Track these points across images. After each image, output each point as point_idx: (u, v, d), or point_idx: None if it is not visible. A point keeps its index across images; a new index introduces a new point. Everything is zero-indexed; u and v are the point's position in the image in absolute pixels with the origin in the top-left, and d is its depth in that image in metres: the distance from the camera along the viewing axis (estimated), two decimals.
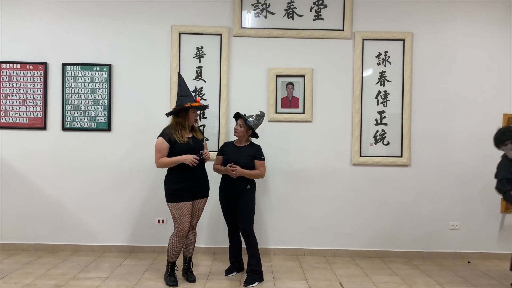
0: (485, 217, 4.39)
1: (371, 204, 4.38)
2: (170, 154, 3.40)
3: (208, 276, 3.69)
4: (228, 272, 3.74)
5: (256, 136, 3.74)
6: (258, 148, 3.70)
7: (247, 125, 3.63)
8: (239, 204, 3.60)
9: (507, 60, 4.38)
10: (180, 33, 4.32)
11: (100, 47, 4.34)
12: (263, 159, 3.66)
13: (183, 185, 3.38)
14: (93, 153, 4.34)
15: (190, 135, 3.48)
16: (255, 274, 3.56)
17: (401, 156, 4.36)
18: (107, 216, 4.36)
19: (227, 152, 3.70)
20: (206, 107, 3.71)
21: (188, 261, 3.59)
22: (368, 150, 4.38)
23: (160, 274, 3.66)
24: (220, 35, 4.32)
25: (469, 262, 4.26)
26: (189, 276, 3.55)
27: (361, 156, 4.36)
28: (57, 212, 4.35)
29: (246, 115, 3.70)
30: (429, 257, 4.37)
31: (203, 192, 3.53)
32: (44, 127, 4.32)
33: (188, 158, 3.34)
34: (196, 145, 3.47)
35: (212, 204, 4.07)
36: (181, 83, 3.54)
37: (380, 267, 4.05)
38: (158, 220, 4.35)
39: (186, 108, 3.39)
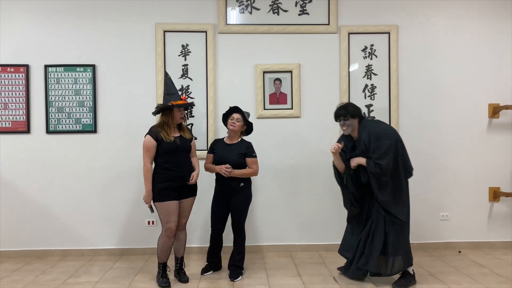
0: (474, 206, 4.44)
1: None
2: (156, 153, 3.36)
3: (201, 276, 3.65)
4: (204, 271, 3.70)
5: (250, 132, 3.72)
6: (249, 145, 3.66)
7: (245, 120, 3.60)
8: (233, 202, 3.58)
9: (491, 51, 4.43)
10: (165, 31, 4.26)
11: (83, 47, 4.26)
12: (255, 156, 3.62)
13: (169, 184, 3.34)
14: (79, 155, 4.26)
15: (178, 134, 3.43)
16: (238, 268, 3.59)
17: None
18: (96, 219, 4.28)
19: (217, 150, 3.66)
20: (191, 104, 3.64)
21: (179, 262, 3.55)
22: None
23: (152, 276, 3.61)
24: (205, 32, 4.27)
25: (459, 251, 4.30)
26: (182, 276, 3.51)
27: None
28: (44, 217, 4.26)
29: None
30: (420, 248, 4.40)
31: (190, 191, 3.49)
32: (27, 131, 4.23)
33: (149, 200, 3.35)
34: (184, 145, 3.43)
35: (205, 203, 4.03)
36: (167, 81, 3.49)
37: None
38: (148, 222, 4.29)
39: (170, 106, 3.34)
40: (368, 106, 4.39)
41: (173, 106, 3.35)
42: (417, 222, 4.41)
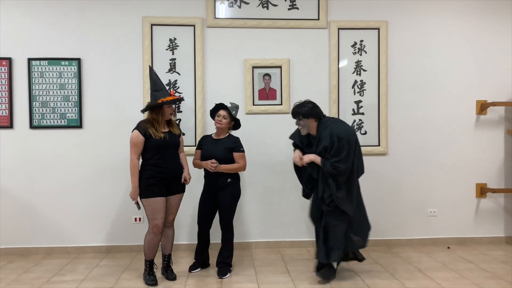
0: (461, 202, 4.47)
1: None
2: (144, 149, 3.30)
3: (189, 274, 3.60)
4: (192, 268, 3.66)
5: (238, 127, 3.67)
6: (236, 140, 3.61)
7: (231, 116, 3.56)
8: (220, 198, 3.54)
9: (480, 48, 4.44)
10: (152, 25, 4.18)
11: (68, 40, 4.15)
12: (242, 151, 3.59)
13: (155, 180, 3.28)
14: (64, 151, 4.16)
15: (167, 130, 3.37)
16: (227, 265, 3.56)
17: (379, 145, 4.38)
18: (81, 216, 4.20)
19: (204, 145, 3.61)
20: (181, 100, 3.58)
21: (167, 259, 3.50)
22: None
23: (139, 273, 3.55)
24: (194, 26, 4.20)
25: (448, 247, 4.32)
26: (169, 274, 3.46)
27: None
28: (28, 214, 4.16)
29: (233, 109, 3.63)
30: (408, 244, 4.41)
31: (178, 188, 3.43)
32: (10, 126, 4.12)
33: (135, 196, 3.29)
34: (173, 140, 3.37)
35: (193, 199, 3.97)
36: (153, 76, 3.42)
37: None
38: (135, 218, 4.22)
39: (160, 104, 3.28)
40: (357, 102, 4.37)
41: (163, 104, 3.28)
42: (405, 218, 4.43)
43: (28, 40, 4.12)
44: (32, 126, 4.13)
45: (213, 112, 3.61)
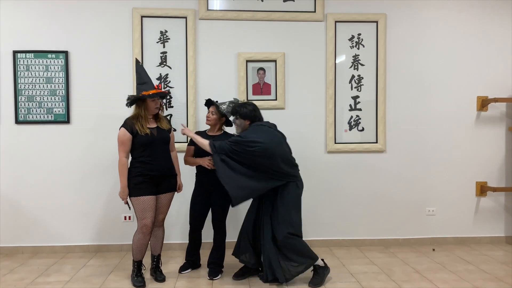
0: (461, 201, 4.35)
1: (346, 192, 4.26)
2: (132, 146, 3.16)
3: (179, 275, 3.48)
4: (182, 269, 3.54)
5: (230, 124, 3.53)
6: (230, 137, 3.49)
7: (220, 112, 3.42)
8: (214, 196, 3.42)
9: (482, 42, 4.31)
10: (142, 17, 4.03)
11: (55, 32, 4.00)
12: None
13: (144, 178, 3.15)
14: (51, 147, 4.02)
15: (154, 125, 3.23)
16: (218, 266, 3.45)
17: (376, 142, 4.25)
18: (69, 214, 4.07)
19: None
20: (165, 94, 3.39)
21: (156, 260, 3.37)
22: (343, 136, 4.24)
23: (127, 274, 3.43)
24: (185, 18, 4.05)
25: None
26: (158, 275, 3.34)
27: (335, 143, 4.22)
28: (13, 212, 4.02)
29: (219, 102, 3.48)
30: (406, 244, 4.30)
31: (168, 186, 3.30)
32: None
33: (124, 196, 3.15)
34: (161, 136, 3.23)
35: (186, 197, 3.84)
36: (138, 69, 3.27)
37: (357, 256, 3.95)
38: (125, 217, 4.10)
39: (142, 97, 3.14)
40: (355, 98, 4.24)
41: (145, 97, 3.14)
42: (402, 217, 4.32)
43: (13, 32, 3.96)
44: (17, 121, 3.99)
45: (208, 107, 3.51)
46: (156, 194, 3.22)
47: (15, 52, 3.96)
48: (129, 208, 3.26)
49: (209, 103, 3.47)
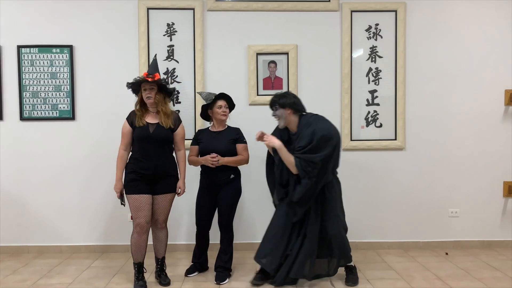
0: (487, 202, 4.07)
1: (363, 192, 4.03)
2: (132, 140, 3.07)
3: (184, 278, 3.32)
4: (189, 272, 3.38)
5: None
6: (238, 131, 3.36)
7: (232, 104, 3.35)
8: (221, 196, 3.25)
9: (509, 32, 3.99)
10: (148, 9, 3.87)
11: (59, 26, 3.88)
12: (246, 142, 3.35)
13: (137, 176, 3.01)
14: (56, 145, 3.92)
15: (155, 121, 3.07)
16: (226, 270, 3.28)
17: (395, 139, 4.00)
18: (75, 213, 3.96)
19: (203, 140, 3.31)
20: (157, 82, 3.02)
21: (160, 263, 3.22)
22: (359, 133, 4.01)
23: (131, 276, 3.28)
24: (193, 9, 3.88)
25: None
26: (162, 279, 3.19)
27: (351, 140, 3.99)
28: (19, 211, 3.94)
29: (203, 94, 3.33)
30: (427, 248, 4.04)
31: (166, 187, 3.12)
32: (0, 118, 3.89)
33: (117, 190, 3.07)
34: (157, 134, 3.03)
35: (192, 196, 3.68)
36: (151, 62, 3.18)
37: (374, 260, 3.73)
38: (131, 216, 3.93)
39: (133, 82, 3.05)
40: (372, 92, 4.00)
41: (128, 84, 3.07)
42: (423, 219, 4.07)
43: (17, 26, 3.86)
44: (22, 118, 3.89)
45: (210, 104, 3.30)
46: (153, 194, 3.06)
47: (19, 47, 3.86)
48: (122, 204, 3.12)
49: (221, 96, 3.29)
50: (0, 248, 3.93)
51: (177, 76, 3.93)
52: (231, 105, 3.36)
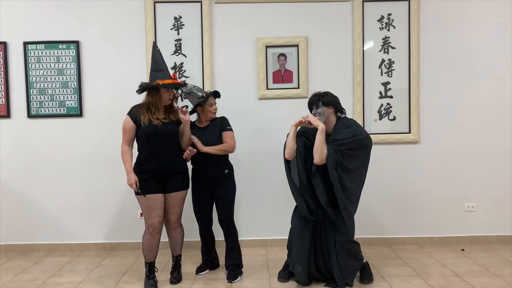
0: (504, 196, 3.95)
1: (377, 187, 3.93)
2: (136, 138, 2.99)
3: (196, 276, 3.27)
4: (199, 270, 3.32)
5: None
6: (222, 119, 3.21)
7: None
8: (218, 193, 3.15)
9: None
10: (155, 2, 3.80)
11: (65, 22, 3.83)
12: (231, 129, 3.17)
13: (149, 176, 2.93)
14: (64, 142, 3.88)
15: (163, 117, 2.99)
16: (237, 267, 3.21)
17: (409, 132, 3.90)
18: (83, 211, 3.93)
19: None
20: (180, 85, 3.10)
21: (175, 260, 3.17)
22: (372, 126, 3.90)
23: (142, 275, 3.24)
24: (200, 2, 3.80)
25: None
26: (174, 276, 3.13)
27: None
28: (28, 209, 3.91)
29: (188, 86, 3.19)
30: (443, 243, 3.94)
31: (178, 184, 3.04)
32: (7, 115, 3.86)
33: (131, 181, 2.92)
34: (166, 129, 2.95)
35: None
36: (154, 54, 3.03)
37: (388, 257, 3.64)
38: (141, 214, 3.90)
39: (155, 86, 2.91)
40: (385, 84, 3.89)
41: (159, 86, 2.91)
42: (438, 214, 3.96)
43: (23, 23, 3.82)
44: (30, 115, 3.86)
45: (202, 103, 3.15)
46: (165, 193, 2.99)
47: (25, 44, 3.82)
48: (142, 193, 2.94)
49: (214, 94, 3.17)
50: (10, 246, 3.91)
51: (185, 70, 3.85)
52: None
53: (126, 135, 2.97)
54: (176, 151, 3.03)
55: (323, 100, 2.97)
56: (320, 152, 2.79)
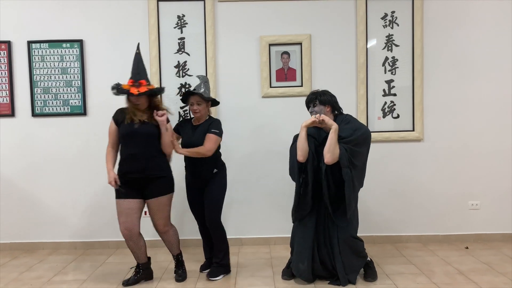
0: (508, 194, 3.94)
1: (380, 185, 3.93)
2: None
3: (199, 274, 3.28)
4: (203, 268, 3.31)
5: (216, 103, 3.25)
6: (213, 122, 3.11)
7: (206, 99, 3.07)
8: (206, 193, 3.13)
9: None
10: (158, 1, 3.81)
11: (69, 20, 3.84)
12: (215, 133, 3.04)
13: (124, 179, 2.88)
14: (68, 140, 3.89)
15: (146, 118, 2.90)
16: (220, 266, 3.18)
17: (413, 130, 3.89)
18: (88, 209, 3.94)
19: (183, 133, 3.19)
20: (125, 93, 2.90)
21: (176, 259, 3.17)
22: (376, 124, 3.90)
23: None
24: (204, 0, 3.80)
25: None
26: (178, 274, 3.14)
27: None
28: (32, 208, 3.93)
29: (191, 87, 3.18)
30: (446, 241, 3.94)
31: (157, 190, 2.91)
32: (12, 114, 3.87)
33: (110, 179, 2.89)
34: (143, 129, 2.85)
35: None
36: (135, 57, 2.97)
37: (392, 255, 3.64)
38: (145, 212, 3.91)
39: (118, 91, 2.89)
40: (389, 82, 3.88)
41: (113, 91, 2.91)
42: (442, 212, 3.96)
43: (27, 22, 3.83)
44: (34, 114, 3.87)
45: (185, 101, 3.16)
46: (145, 198, 2.93)
47: (29, 43, 3.83)
48: (122, 190, 2.91)
49: (189, 93, 3.08)
50: (15, 244, 3.93)
51: (188, 69, 3.86)
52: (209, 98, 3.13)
53: (109, 138, 2.97)
54: (153, 154, 2.90)
55: (320, 99, 2.97)
56: (332, 151, 2.80)
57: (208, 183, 3.12)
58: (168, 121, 2.97)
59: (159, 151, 2.93)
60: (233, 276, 3.22)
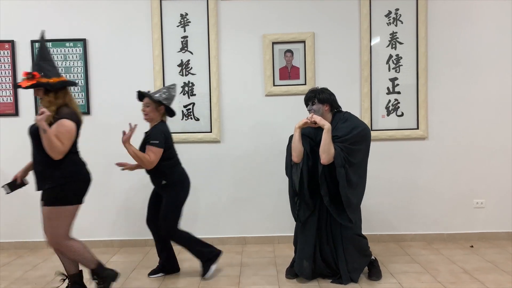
0: None
1: (384, 183, 3.92)
2: None
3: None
4: (152, 273, 3.26)
5: (172, 114, 3.10)
6: (153, 131, 2.96)
7: (154, 101, 2.94)
8: (163, 201, 3.07)
9: None
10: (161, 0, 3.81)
11: (72, 20, 3.85)
12: (152, 144, 2.91)
13: None
14: None
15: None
16: (204, 262, 3.12)
17: (417, 128, 3.87)
18: (92, 208, 3.91)
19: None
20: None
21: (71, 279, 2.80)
22: (380, 122, 3.88)
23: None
24: None
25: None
26: None
27: (372, 130, 3.86)
28: (36, 206, 3.89)
29: (151, 91, 3.08)
30: (451, 240, 3.92)
31: (43, 197, 2.60)
32: (16, 113, 3.89)
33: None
34: (30, 130, 2.64)
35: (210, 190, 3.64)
36: (42, 43, 2.66)
37: (397, 253, 3.62)
38: None
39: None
40: (393, 80, 3.86)
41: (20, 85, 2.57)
42: (447, 210, 3.94)
43: (30, 21, 3.84)
44: (38, 114, 3.87)
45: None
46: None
47: (33, 42, 3.84)
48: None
49: (141, 95, 3.02)
50: (20, 243, 3.95)
51: (191, 68, 3.85)
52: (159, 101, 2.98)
53: None
54: (37, 158, 2.59)
55: (319, 97, 2.95)
56: (327, 152, 2.79)
57: (162, 195, 3.07)
58: (51, 121, 2.56)
59: (46, 157, 2.52)
60: (236, 275, 3.22)
